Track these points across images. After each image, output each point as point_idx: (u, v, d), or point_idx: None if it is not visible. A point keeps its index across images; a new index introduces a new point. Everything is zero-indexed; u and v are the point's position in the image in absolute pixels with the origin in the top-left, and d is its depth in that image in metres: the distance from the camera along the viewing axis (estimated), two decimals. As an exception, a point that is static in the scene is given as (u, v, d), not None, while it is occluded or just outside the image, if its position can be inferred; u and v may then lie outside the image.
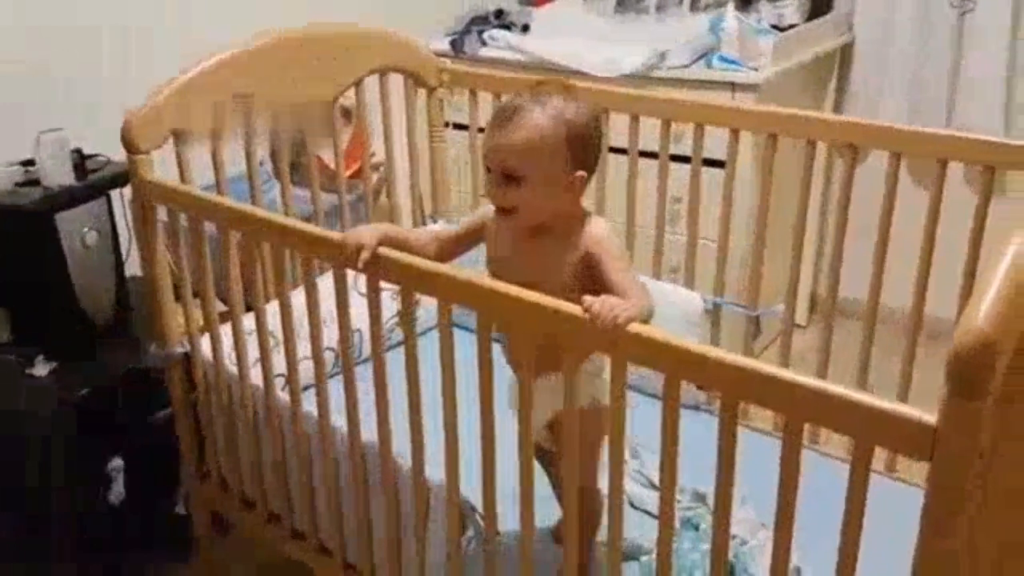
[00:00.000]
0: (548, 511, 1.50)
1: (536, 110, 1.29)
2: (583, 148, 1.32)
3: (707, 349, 1.06)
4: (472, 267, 1.42)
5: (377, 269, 1.35)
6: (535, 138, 1.29)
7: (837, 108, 2.93)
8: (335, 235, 1.41)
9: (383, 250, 1.34)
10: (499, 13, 2.91)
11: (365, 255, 1.33)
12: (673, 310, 1.94)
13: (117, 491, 1.88)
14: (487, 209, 1.44)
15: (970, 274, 1.66)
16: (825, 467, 1.39)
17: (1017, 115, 2.70)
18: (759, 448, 1.24)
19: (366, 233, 1.36)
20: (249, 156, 1.92)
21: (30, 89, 2.03)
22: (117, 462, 1.88)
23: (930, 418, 0.89)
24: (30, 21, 2.04)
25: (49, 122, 1.85)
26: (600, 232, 1.34)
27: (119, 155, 1.77)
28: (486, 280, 1.29)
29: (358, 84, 2.10)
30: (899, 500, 1.23)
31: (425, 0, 2.93)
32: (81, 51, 2.11)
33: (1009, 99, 2.69)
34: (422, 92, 2.25)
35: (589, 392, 1.34)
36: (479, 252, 1.49)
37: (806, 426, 1.05)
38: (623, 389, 1.16)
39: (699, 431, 1.20)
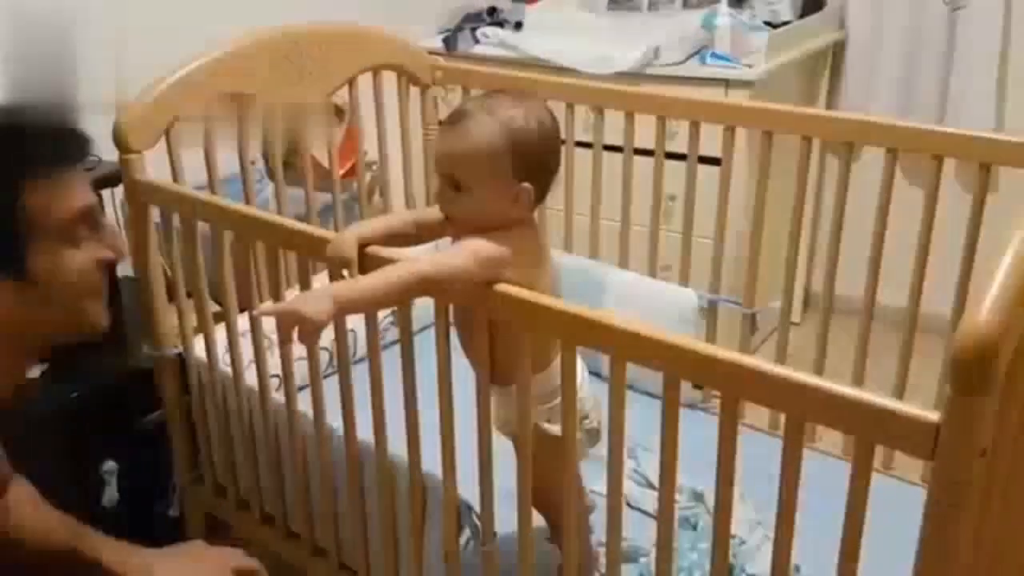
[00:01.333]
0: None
1: (483, 118, 1.25)
2: (528, 160, 1.26)
3: (708, 347, 1.06)
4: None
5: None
6: (477, 147, 1.25)
7: (830, 104, 2.93)
8: (329, 234, 1.40)
9: (373, 249, 1.34)
10: (492, 10, 2.90)
11: (353, 272, 1.33)
12: (668, 307, 1.94)
13: (110, 494, 1.86)
14: None
15: (967, 271, 1.66)
16: (820, 464, 1.39)
17: (1009, 112, 2.71)
18: (754, 446, 1.24)
19: (345, 245, 1.34)
20: (242, 155, 1.90)
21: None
22: (110, 465, 1.87)
23: (933, 416, 0.89)
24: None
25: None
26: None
27: (110, 154, 1.75)
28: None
29: (351, 82, 2.09)
30: (895, 497, 1.23)
31: (418, -2, 2.92)
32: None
33: (1000, 97, 2.70)
34: (415, 90, 2.24)
35: (535, 418, 1.32)
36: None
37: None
38: (623, 389, 1.15)
39: (695, 429, 1.19)
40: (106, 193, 1.94)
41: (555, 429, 1.30)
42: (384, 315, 1.98)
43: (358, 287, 1.24)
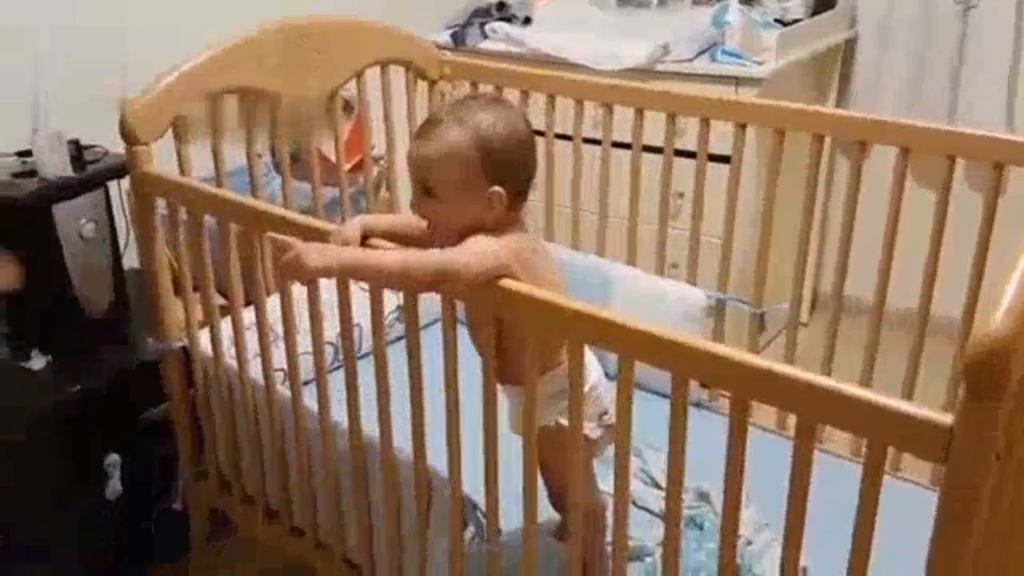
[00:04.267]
0: (550, 509, 1.48)
1: (452, 125, 1.27)
2: (498, 164, 1.27)
3: (718, 347, 1.05)
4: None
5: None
6: (447, 153, 1.27)
7: (840, 103, 2.91)
8: (335, 227, 1.40)
9: (375, 241, 1.35)
10: (501, 5, 2.89)
11: None
12: (675, 306, 1.93)
13: (114, 487, 1.86)
14: None
15: (978, 272, 1.65)
16: (828, 465, 1.37)
17: (1019, 112, 2.69)
18: (760, 445, 1.23)
19: (348, 231, 1.35)
20: (249, 148, 1.90)
21: (27, 77, 2.00)
22: (114, 458, 1.86)
23: (946, 419, 0.88)
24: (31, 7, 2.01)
25: (46, 111, 1.82)
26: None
27: (116, 146, 1.74)
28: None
29: (359, 76, 2.08)
30: (904, 499, 1.22)
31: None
32: (80, 39, 2.08)
33: (1011, 95, 2.68)
34: (423, 84, 2.23)
35: (552, 415, 1.32)
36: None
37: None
38: (630, 388, 1.14)
39: (701, 428, 1.18)
40: (112, 185, 1.94)
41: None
42: (390, 309, 1.97)
43: (369, 257, 1.26)
